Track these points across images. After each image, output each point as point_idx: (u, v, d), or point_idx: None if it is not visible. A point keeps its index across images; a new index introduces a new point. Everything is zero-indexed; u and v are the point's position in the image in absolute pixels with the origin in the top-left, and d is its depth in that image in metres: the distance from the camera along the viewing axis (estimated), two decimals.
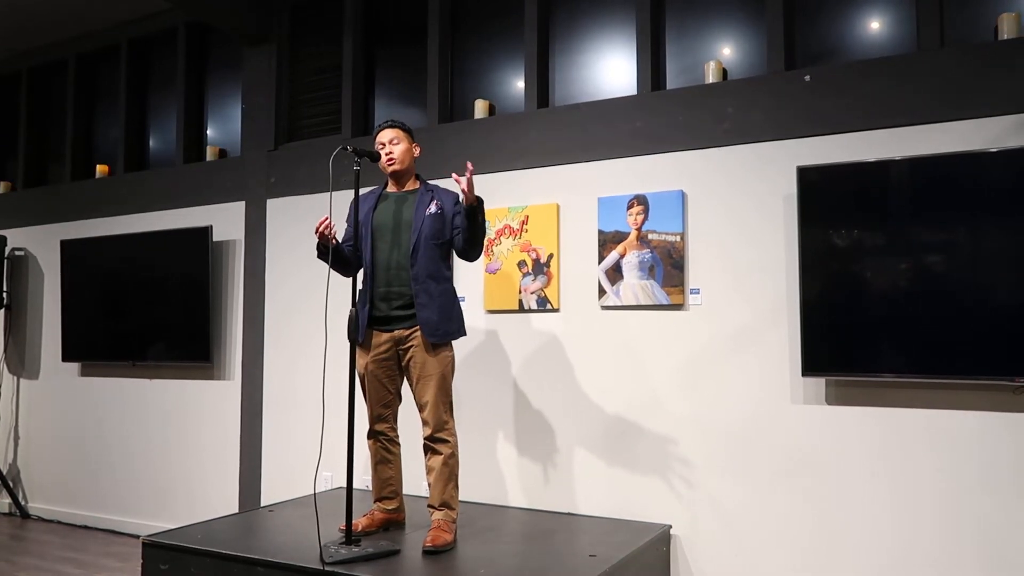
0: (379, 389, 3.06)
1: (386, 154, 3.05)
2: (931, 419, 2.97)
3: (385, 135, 3.06)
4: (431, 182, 3.19)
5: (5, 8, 5.17)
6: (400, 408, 3.16)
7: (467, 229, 2.90)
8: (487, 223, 3.10)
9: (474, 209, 2.86)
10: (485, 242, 3.06)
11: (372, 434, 3.11)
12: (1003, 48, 2.94)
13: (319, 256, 3.00)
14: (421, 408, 2.97)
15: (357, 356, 3.01)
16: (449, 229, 3.00)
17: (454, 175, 2.85)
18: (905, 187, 2.96)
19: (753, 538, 3.23)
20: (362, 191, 3.17)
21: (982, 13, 3.13)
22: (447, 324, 2.97)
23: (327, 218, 2.88)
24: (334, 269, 3.01)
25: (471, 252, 2.99)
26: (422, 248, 2.95)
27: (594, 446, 3.57)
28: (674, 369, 3.43)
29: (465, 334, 3.08)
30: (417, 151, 3.12)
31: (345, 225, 3.18)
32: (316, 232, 2.90)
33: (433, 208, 2.99)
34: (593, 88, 3.88)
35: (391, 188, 3.11)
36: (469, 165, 2.83)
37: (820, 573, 3.10)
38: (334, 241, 2.94)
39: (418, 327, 2.94)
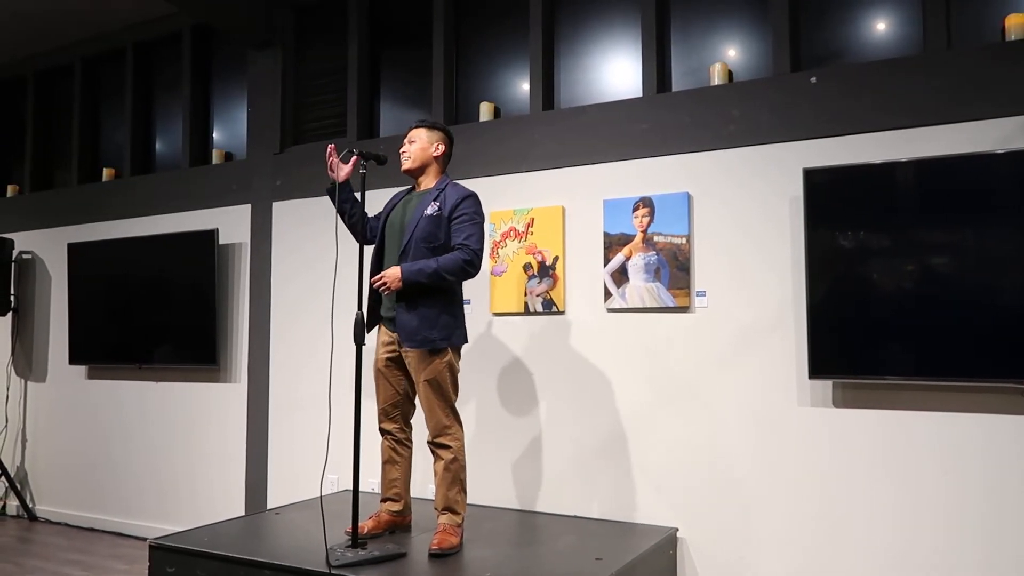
0: (386, 387, 3.06)
1: (401, 153, 3.08)
2: (938, 421, 2.95)
3: (407, 135, 3.09)
4: (455, 181, 3.13)
5: (10, 13, 5.19)
6: (414, 411, 3.16)
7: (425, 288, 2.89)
8: (440, 267, 2.85)
9: (410, 287, 2.85)
10: (462, 269, 2.87)
11: (381, 431, 3.12)
12: (1010, 49, 2.93)
13: (327, 188, 3.11)
14: (423, 411, 2.97)
15: (375, 350, 3.09)
16: (445, 232, 2.92)
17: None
18: (912, 189, 2.95)
19: (760, 541, 3.22)
20: (396, 189, 3.17)
21: (989, 14, 3.12)
22: (428, 331, 2.88)
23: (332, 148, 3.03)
24: (341, 218, 3.12)
25: (455, 282, 2.96)
26: (412, 251, 2.91)
27: (600, 449, 3.57)
28: (680, 372, 3.42)
29: (457, 343, 2.96)
30: (439, 151, 3.05)
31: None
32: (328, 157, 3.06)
33: (430, 210, 2.94)
34: (598, 90, 3.88)
35: (415, 188, 3.12)
36: (372, 283, 2.92)
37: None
38: (336, 178, 3.05)
39: None
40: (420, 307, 2.89)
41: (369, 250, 3.17)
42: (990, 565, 2.85)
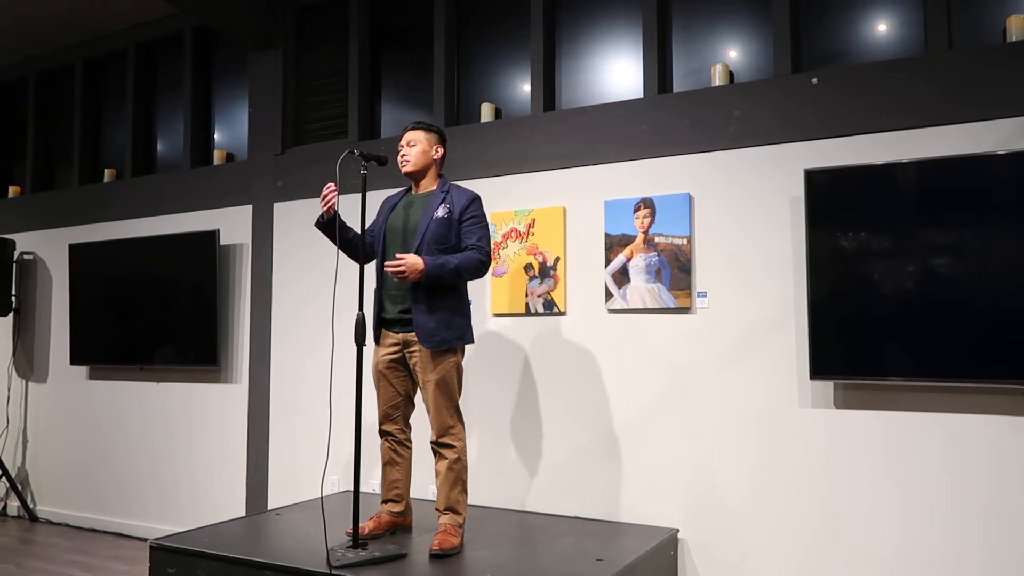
0: (387, 389, 3.07)
1: (401, 156, 3.07)
2: (939, 423, 2.95)
3: (405, 137, 3.08)
4: (454, 182, 3.18)
5: (12, 14, 5.20)
6: (413, 411, 3.17)
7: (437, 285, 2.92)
8: (460, 263, 2.91)
9: (428, 280, 2.87)
10: (478, 268, 2.95)
11: (381, 433, 3.12)
12: (1011, 50, 2.93)
13: (316, 224, 3.02)
14: (427, 411, 2.97)
15: (373, 353, 3.09)
16: (455, 234, 2.97)
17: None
18: (913, 189, 2.95)
19: (761, 542, 3.22)
20: (390, 191, 3.15)
21: (990, 15, 3.12)
22: (445, 332, 2.92)
23: (333, 188, 2.95)
24: (336, 244, 3.06)
25: (468, 280, 3.01)
26: (423, 254, 2.93)
27: (601, 449, 3.57)
28: (681, 372, 3.42)
29: (469, 342, 3.02)
30: (438, 153, 3.09)
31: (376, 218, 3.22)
32: (322, 200, 2.96)
33: (441, 212, 2.97)
34: (599, 91, 3.88)
35: (412, 189, 3.13)
36: (386, 266, 2.88)
37: None
38: (331, 211, 2.98)
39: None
40: (436, 309, 2.92)
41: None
42: (991, 566, 2.84)
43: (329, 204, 2.96)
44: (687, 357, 3.41)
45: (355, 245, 3.13)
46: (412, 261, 2.84)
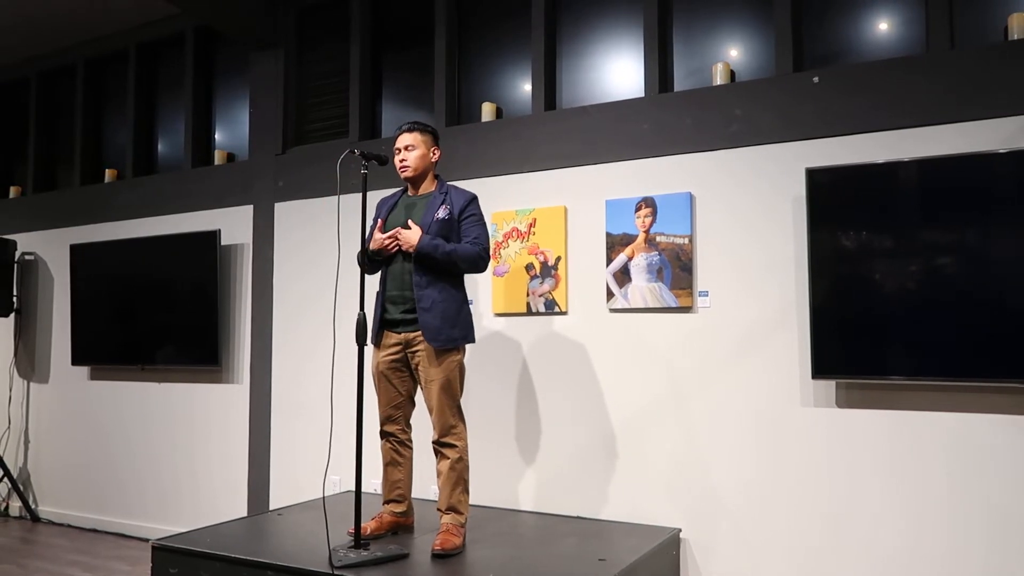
0: (389, 390, 3.07)
1: (399, 160, 3.06)
2: (942, 422, 2.95)
3: (402, 140, 3.06)
4: (450, 183, 3.19)
5: (13, 14, 5.20)
6: (414, 410, 3.17)
7: (431, 267, 2.94)
8: (456, 250, 2.93)
9: (419, 257, 2.90)
10: (475, 260, 2.97)
11: (382, 434, 3.13)
12: (1013, 48, 2.93)
13: (369, 258, 3.02)
14: (429, 411, 2.97)
15: (372, 355, 3.09)
16: (457, 234, 3.00)
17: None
18: (915, 188, 2.95)
19: (763, 542, 3.22)
20: (389, 192, 3.16)
21: (992, 14, 3.11)
22: (450, 330, 2.94)
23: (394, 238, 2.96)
24: (369, 268, 3.07)
25: (464, 271, 3.02)
26: None
27: (603, 449, 3.57)
28: (683, 372, 3.42)
29: (472, 341, 3.04)
30: (436, 155, 3.09)
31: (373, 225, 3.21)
32: (379, 244, 2.96)
33: (442, 213, 2.98)
34: (600, 90, 3.88)
35: (409, 191, 3.13)
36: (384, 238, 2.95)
37: None
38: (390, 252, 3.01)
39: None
40: (440, 308, 2.93)
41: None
42: (994, 566, 2.84)
43: (391, 251, 2.99)
44: (689, 357, 3.41)
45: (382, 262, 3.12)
46: (409, 235, 2.91)
